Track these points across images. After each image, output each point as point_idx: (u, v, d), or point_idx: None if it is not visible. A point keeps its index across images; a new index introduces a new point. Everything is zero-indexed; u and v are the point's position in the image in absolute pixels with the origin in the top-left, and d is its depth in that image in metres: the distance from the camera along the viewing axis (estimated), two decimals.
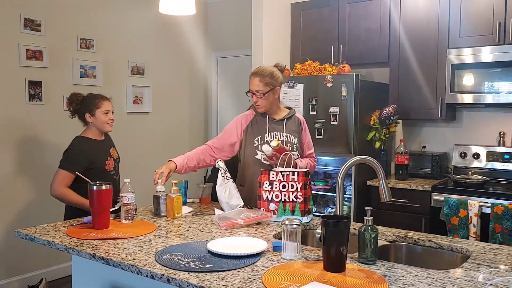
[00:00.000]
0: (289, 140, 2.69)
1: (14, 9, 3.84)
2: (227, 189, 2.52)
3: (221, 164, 2.56)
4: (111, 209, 2.29)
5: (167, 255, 1.78)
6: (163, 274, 1.60)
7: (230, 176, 2.57)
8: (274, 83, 2.64)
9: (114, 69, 4.63)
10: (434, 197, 3.48)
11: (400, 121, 4.12)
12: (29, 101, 3.96)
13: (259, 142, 2.65)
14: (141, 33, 4.89)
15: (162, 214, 2.43)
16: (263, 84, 2.62)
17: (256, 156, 2.63)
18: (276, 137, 2.67)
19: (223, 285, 1.48)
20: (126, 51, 4.74)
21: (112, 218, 2.31)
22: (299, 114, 2.85)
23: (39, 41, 4.01)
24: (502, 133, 3.76)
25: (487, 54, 3.46)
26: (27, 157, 3.98)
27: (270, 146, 2.51)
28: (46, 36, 4.06)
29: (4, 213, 3.83)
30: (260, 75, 2.63)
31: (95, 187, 2.16)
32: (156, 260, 1.73)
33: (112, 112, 3.08)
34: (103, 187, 2.17)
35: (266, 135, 2.66)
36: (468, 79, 3.56)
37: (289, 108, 2.82)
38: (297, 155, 2.69)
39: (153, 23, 4.97)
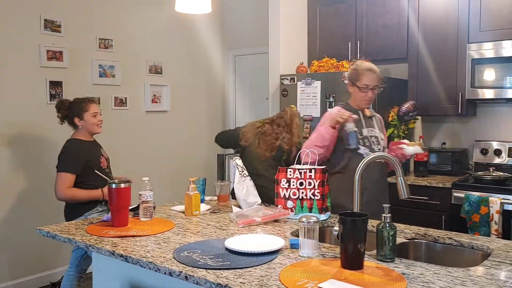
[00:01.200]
0: (379, 136, 2.74)
1: (34, 10, 3.91)
2: (244, 186, 2.53)
3: (238, 162, 2.57)
4: (130, 207, 2.32)
5: (185, 252, 1.79)
6: (181, 271, 1.61)
7: (247, 174, 2.58)
8: (382, 78, 2.76)
9: (132, 68, 4.67)
10: (454, 194, 3.43)
11: (419, 117, 4.07)
12: (50, 101, 4.02)
13: (363, 137, 2.65)
14: (158, 32, 4.92)
15: None
16: (379, 79, 2.71)
17: (358, 150, 2.61)
18: (373, 133, 2.71)
19: (241, 283, 1.49)
20: (143, 50, 4.78)
21: (131, 216, 2.33)
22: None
23: (59, 41, 4.07)
24: None
25: (509, 48, 3.39)
26: (48, 156, 4.05)
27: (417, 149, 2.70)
28: (66, 36, 4.12)
29: (29, 211, 3.90)
30: (376, 71, 2.72)
31: (114, 185, 2.19)
32: (174, 258, 1.74)
33: (100, 114, 3.18)
34: (122, 185, 2.20)
35: (365, 129, 2.69)
36: (488, 74, 3.49)
37: None
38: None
39: (170, 22, 5.00)
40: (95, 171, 2.70)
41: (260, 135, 3.08)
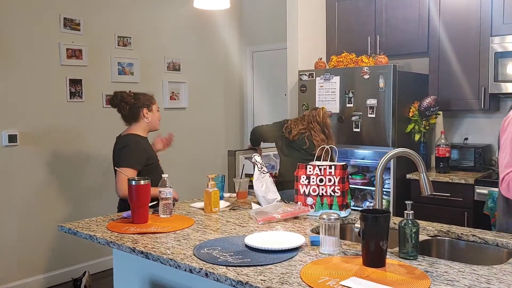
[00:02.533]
0: None
1: (54, 9, 3.95)
2: (263, 183, 2.52)
3: (257, 159, 2.56)
4: (150, 204, 2.33)
5: (205, 249, 1.79)
6: (201, 268, 1.61)
7: (266, 171, 2.57)
8: None
9: (150, 65, 4.70)
10: (477, 190, 3.37)
11: (440, 112, 4.00)
12: (70, 99, 4.07)
13: None
14: (176, 29, 4.93)
15: None
16: None
17: None
18: None
19: (261, 280, 1.48)
20: (162, 47, 4.80)
21: (151, 212, 2.34)
22: None
23: (79, 40, 4.11)
24: None
25: None
26: (69, 153, 4.10)
27: None
28: (85, 35, 4.15)
29: (50, 209, 3.96)
30: None
31: (133, 182, 2.20)
32: (194, 254, 1.74)
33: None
34: (142, 182, 2.21)
35: None
36: (511, 68, 3.41)
37: None
38: None
39: (187, 19, 5.00)
40: (115, 167, 2.71)
41: (307, 139, 3.38)
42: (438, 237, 2.04)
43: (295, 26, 4.27)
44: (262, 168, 2.55)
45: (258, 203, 2.54)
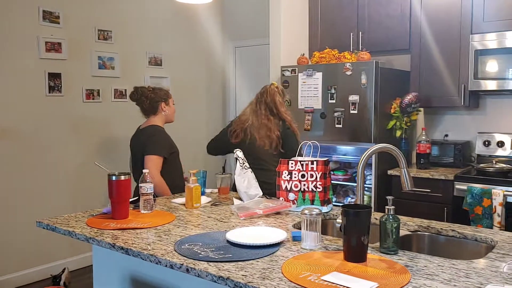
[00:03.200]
0: None
1: (32, 2, 3.86)
2: (245, 179, 2.51)
3: (239, 154, 2.55)
4: (131, 199, 2.30)
5: (186, 245, 1.77)
6: (182, 264, 1.59)
7: (248, 166, 2.56)
8: None
9: (132, 60, 4.64)
10: (457, 186, 3.41)
11: (421, 109, 4.04)
12: (49, 93, 4.00)
13: None
14: (158, 23, 4.88)
15: None
16: None
17: None
18: None
19: (243, 275, 1.47)
20: (143, 42, 4.74)
21: (131, 208, 2.31)
22: None
23: (58, 33, 4.03)
24: None
25: None
26: (47, 148, 4.03)
27: None
28: (65, 28, 4.08)
29: (28, 204, 3.89)
30: None
31: (114, 178, 2.16)
32: (175, 250, 1.72)
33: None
34: (122, 177, 2.17)
35: None
36: (492, 65, 3.46)
37: None
38: None
39: (170, 13, 4.96)
40: (95, 162, 2.67)
41: (251, 129, 3.00)
42: (419, 232, 2.05)
43: (277, 22, 4.26)
44: (244, 163, 2.54)
45: (240, 199, 2.54)
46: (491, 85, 3.47)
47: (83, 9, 4.22)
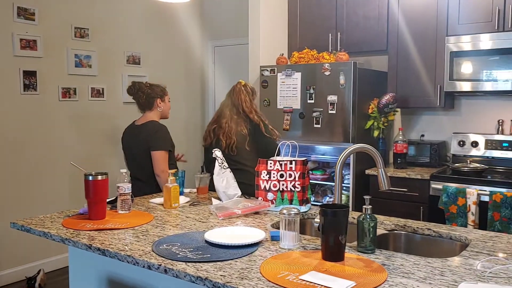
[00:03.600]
0: None
1: None
2: (224, 178, 2.50)
3: (218, 154, 2.54)
4: (108, 200, 2.27)
5: (164, 245, 1.76)
6: (160, 265, 1.58)
7: (227, 166, 2.55)
8: None
9: (109, 58, 4.58)
10: (432, 185, 3.47)
11: (398, 109, 4.09)
12: (24, 91, 3.92)
13: None
14: (137, 21, 4.83)
15: None
16: None
17: None
18: None
19: (221, 275, 1.47)
20: (121, 40, 4.69)
21: (108, 208, 2.29)
22: None
23: (33, 30, 3.95)
24: (500, 121, 3.74)
25: (486, 42, 3.43)
26: (21, 148, 3.95)
27: None
28: (40, 25, 4.00)
29: (2, 205, 3.80)
30: None
31: (91, 178, 2.13)
32: (153, 251, 1.71)
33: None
34: (99, 177, 2.15)
35: None
36: (466, 67, 3.53)
37: None
38: None
39: (148, 12, 4.91)
40: (71, 162, 2.63)
41: (217, 130, 3.04)
42: (395, 231, 2.08)
43: (257, 21, 4.26)
44: (222, 163, 2.53)
45: (219, 199, 2.53)
46: (466, 86, 3.54)
47: (59, 6, 4.15)
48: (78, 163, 2.57)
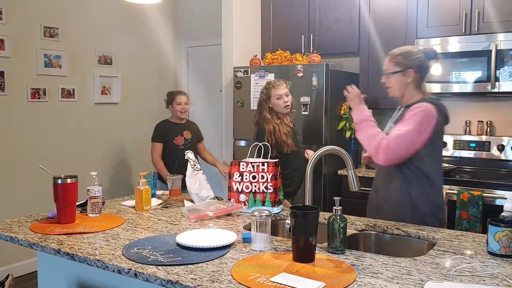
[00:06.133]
0: (388, 130, 2.40)
1: None
2: (197, 180, 2.50)
3: (190, 156, 2.53)
4: (78, 203, 2.24)
5: (135, 248, 1.75)
6: (130, 269, 1.56)
7: (199, 168, 2.55)
8: (407, 64, 2.29)
9: (80, 58, 4.50)
10: None
11: (370, 110, 4.14)
12: None
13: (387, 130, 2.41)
14: (108, 21, 4.76)
15: None
16: (393, 64, 2.32)
17: None
18: (388, 129, 2.41)
19: (192, 278, 1.47)
20: (93, 40, 4.62)
21: (78, 212, 2.25)
22: (424, 103, 2.29)
23: (0, 29, 3.86)
24: (468, 121, 3.84)
25: (454, 44, 3.51)
26: None
27: None
28: (8, 24, 3.91)
29: None
30: (391, 54, 2.36)
31: (59, 181, 2.10)
32: (123, 254, 1.69)
33: (186, 104, 4.07)
34: (68, 180, 2.11)
35: (388, 123, 2.47)
36: (436, 69, 3.60)
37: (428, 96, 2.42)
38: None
39: (120, 11, 4.85)
40: (39, 165, 2.58)
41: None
42: (366, 231, 2.11)
43: (230, 23, 4.26)
44: (195, 165, 2.53)
45: (191, 201, 2.52)
46: (435, 87, 3.61)
47: (28, 5, 4.06)
48: (47, 166, 2.52)
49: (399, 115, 2.39)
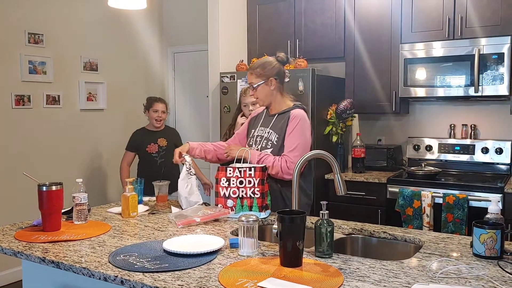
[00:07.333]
0: (267, 136, 2.52)
1: None
2: (189, 184, 2.48)
3: (187, 159, 2.52)
4: (64, 210, 2.21)
5: (121, 256, 1.73)
6: (117, 276, 1.55)
7: (194, 172, 2.53)
8: (267, 74, 2.49)
9: (65, 65, 4.47)
10: (389, 189, 3.56)
11: (356, 115, 4.18)
12: None
13: (250, 136, 2.63)
14: (93, 27, 4.74)
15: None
16: (254, 76, 2.51)
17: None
18: (262, 133, 2.55)
19: (179, 285, 1.46)
20: (78, 46, 4.58)
21: (64, 219, 2.23)
22: (298, 110, 2.52)
23: None
24: (452, 125, 3.89)
25: (438, 49, 3.56)
26: None
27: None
28: None
29: None
30: (251, 68, 2.55)
31: (44, 188, 2.07)
32: (109, 262, 1.68)
33: (163, 112, 4.00)
34: (53, 187, 2.09)
35: (257, 129, 2.60)
36: (420, 73, 3.65)
37: (296, 102, 2.60)
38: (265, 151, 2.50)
39: (105, 17, 4.83)
40: (23, 173, 2.55)
41: None
42: (353, 235, 2.12)
43: (216, 28, 4.27)
44: (190, 169, 2.51)
45: (179, 207, 2.51)
46: (420, 92, 3.66)
47: (12, 11, 4.02)
48: (32, 173, 2.49)
49: (275, 121, 2.55)
